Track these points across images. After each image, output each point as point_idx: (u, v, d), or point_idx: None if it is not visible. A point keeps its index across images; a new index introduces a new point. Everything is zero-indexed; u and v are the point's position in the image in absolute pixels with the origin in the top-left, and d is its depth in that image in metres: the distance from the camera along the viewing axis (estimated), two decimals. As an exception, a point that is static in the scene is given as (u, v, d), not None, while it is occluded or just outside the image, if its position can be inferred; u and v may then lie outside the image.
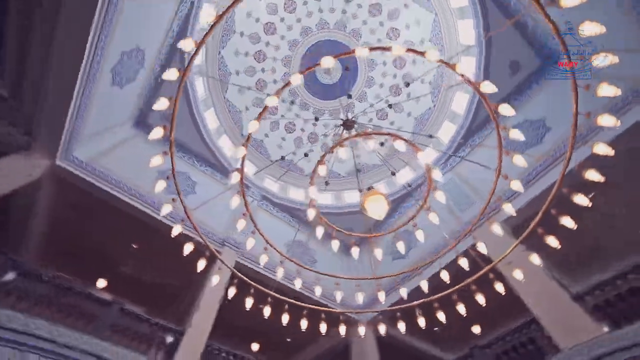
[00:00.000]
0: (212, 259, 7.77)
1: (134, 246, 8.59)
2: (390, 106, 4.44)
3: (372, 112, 11.43)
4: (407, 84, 4.39)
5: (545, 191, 7.03)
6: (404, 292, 4.19)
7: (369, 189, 3.70)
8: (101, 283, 8.79)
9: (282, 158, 5.19)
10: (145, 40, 7.29)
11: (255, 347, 9.73)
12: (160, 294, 8.83)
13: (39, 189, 7.54)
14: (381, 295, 4.19)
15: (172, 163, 3.72)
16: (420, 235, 3.86)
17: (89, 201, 7.80)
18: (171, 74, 2.88)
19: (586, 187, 3.57)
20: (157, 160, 3.37)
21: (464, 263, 3.86)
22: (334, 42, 11.28)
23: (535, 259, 3.84)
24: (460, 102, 9.26)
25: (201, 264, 4.13)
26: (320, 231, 3.92)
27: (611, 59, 2.61)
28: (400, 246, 4.01)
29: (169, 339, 6.36)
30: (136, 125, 8.49)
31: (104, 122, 7.70)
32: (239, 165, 10.92)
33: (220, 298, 7.25)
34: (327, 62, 2.71)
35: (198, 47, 2.82)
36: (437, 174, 3.34)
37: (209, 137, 9.60)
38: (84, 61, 6.18)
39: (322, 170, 3.49)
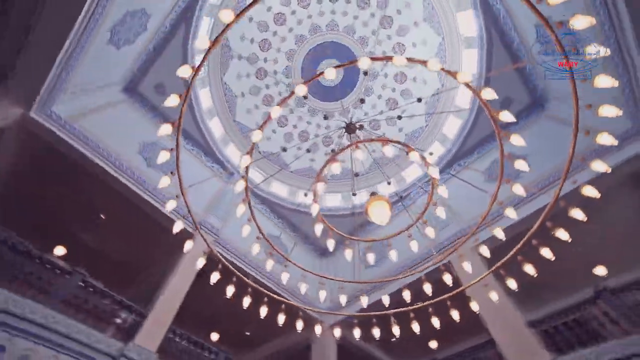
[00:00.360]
0: (186, 241, 7.48)
1: (102, 217, 8.06)
2: (399, 117, 4.52)
3: (366, 120, 11.63)
4: (419, 100, 4.52)
5: (517, 224, 7.51)
6: (386, 299, 4.28)
7: (372, 194, 3.76)
8: (59, 251, 8.13)
9: (284, 150, 5.13)
10: (153, 4, 6.93)
11: (214, 337, 9.46)
12: (123, 272, 8.34)
13: (2, 138, 6.89)
14: (364, 300, 4.26)
15: (177, 137, 3.56)
16: (414, 245, 3.98)
17: (60, 161, 7.23)
18: (203, 42, 2.75)
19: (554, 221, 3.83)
20: (166, 129, 3.21)
21: (447, 279, 4.02)
22: (340, 45, 11.36)
23: (512, 283, 4.08)
24: (452, 126, 9.67)
25: (188, 245, 3.96)
26: (319, 228, 3.91)
27: (604, 51, 2.68)
28: (393, 255, 4.11)
29: (131, 318, 6.01)
30: (126, 90, 8.02)
31: (92, 81, 7.19)
32: (225, 149, 10.57)
33: (189, 283, 6.99)
34: (364, 62, 2.73)
35: (237, 16, 2.72)
36: (442, 190, 3.47)
37: (200, 116, 9.28)
38: (83, 11, 5.75)
39: (336, 169, 3.50)
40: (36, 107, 6.70)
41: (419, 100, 4.43)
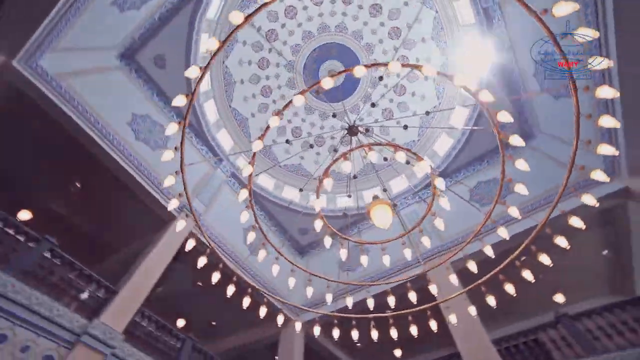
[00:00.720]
0: (168, 223, 7.21)
1: (77, 185, 7.59)
2: (405, 127, 4.60)
3: (361, 125, 11.73)
4: (427, 113, 4.64)
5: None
6: (370, 303, 4.34)
7: (374, 197, 3.80)
8: (24, 215, 7.53)
9: (287, 142, 5.06)
10: (167, -28, 6.67)
11: (180, 323, 9.16)
12: (93, 246, 7.87)
13: (-22, 87, 6.33)
14: (349, 301, 4.29)
15: (187, 110, 3.43)
16: (407, 253, 4.06)
17: (40, 120, 6.74)
18: (237, 17, 2.67)
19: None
20: (180, 100, 3.09)
21: (433, 289, 4.14)
22: (345, 47, 11.42)
23: (492, 300, 4.27)
24: (444, 144, 9.98)
25: (180, 225, 3.81)
26: (319, 225, 3.89)
27: (607, 63, 2.71)
28: (386, 260, 4.18)
29: (98, 295, 5.67)
30: (122, 57, 7.62)
31: (88, 41, 6.78)
32: (217, 134, 10.30)
33: (165, 265, 6.73)
34: (395, 66, 2.77)
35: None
36: (445, 202, 3.58)
37: (197, 96, 8.98)
38: (91, -35, 5.45)
39: (346, 167, 3.51)
40: (21, 57, 6.22)
41: (427, 113, 4.53)
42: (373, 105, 4.97)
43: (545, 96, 7.57)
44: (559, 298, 9.37)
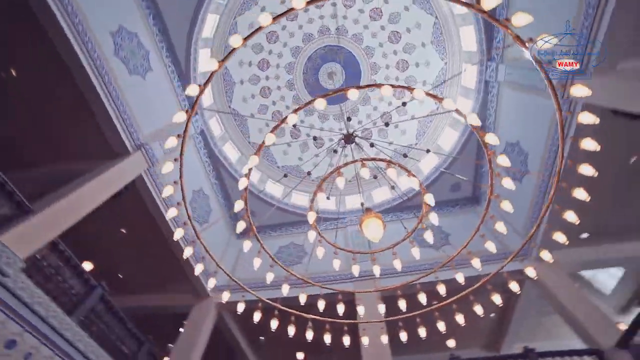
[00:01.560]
0: (119, 156, 6.44)
1: (13, 73, 6.20)
2: (405, 155, 4.90)
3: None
4: (428, 151, 4.99)
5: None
6: (320, 304, 4.42)
7: (367, 210, 3.93)
8: None
9: (294, 126, 4.92)
10: None
11: (88, 266, 8.02)
12: (13, 152, 6.44)
13: None
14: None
15: (186, 129, 3.15)
16: (376, 270, 4.26)
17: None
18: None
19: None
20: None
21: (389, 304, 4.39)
22: (354, 57, 11.66)
23: (423, 332, 4.70)
24: (409, 181, 10.72)
25: (168, 166, 3.43)
26: (312, 217, 3.83)
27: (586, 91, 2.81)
28: (355, 269, 4.31)
29: (7, 209, 4.65)
30: (130, -37, 6.60)
31: None
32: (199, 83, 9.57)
33: (102, 200, 5.87)
34: (449, 104, 2.95)
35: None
36: (429, 235, 3.87)
37: (195, 40, 8.19)
38: None
39: (365, 173, 3.56)
40: None
41: (428, 151, 4.87)
42: (387, 124, 5.14)
43: (503, 174, 8.73)
44: (452, 343, 10.71)
